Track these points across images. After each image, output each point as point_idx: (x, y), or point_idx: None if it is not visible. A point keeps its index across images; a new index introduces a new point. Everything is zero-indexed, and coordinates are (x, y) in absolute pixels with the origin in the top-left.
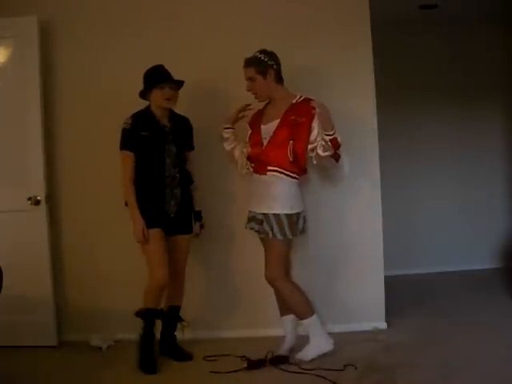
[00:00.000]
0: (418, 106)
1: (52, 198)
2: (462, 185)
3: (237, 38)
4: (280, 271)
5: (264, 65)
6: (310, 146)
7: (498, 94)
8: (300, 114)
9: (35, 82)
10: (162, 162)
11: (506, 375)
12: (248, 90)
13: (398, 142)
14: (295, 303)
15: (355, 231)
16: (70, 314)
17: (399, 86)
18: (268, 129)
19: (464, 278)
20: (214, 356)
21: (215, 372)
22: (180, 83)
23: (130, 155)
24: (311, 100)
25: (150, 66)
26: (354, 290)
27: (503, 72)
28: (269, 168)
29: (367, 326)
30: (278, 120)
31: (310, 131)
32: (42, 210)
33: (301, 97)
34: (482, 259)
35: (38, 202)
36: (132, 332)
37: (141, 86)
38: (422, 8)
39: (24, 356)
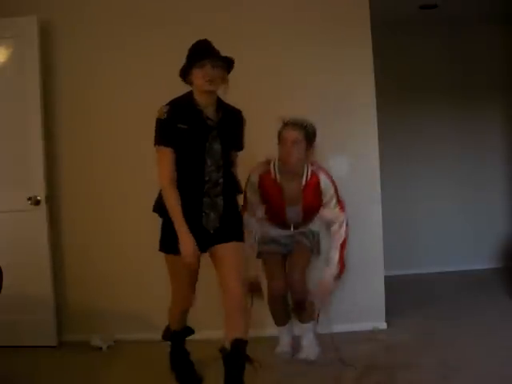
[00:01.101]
0: (418, 106)
1: (52, 198)
2: (462, 185)
3: (237, 39)
4: (305, 277)
5: (312, 136)
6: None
7: (498, 93)
8: (314, 195)
9: (35, 82)
10: (202, 164)
11: (505, 375)
12: (284, 154)
13: (398, 142)
14: (309, 304)
15: (355, 231)
16: (70, 314)
17: (399, 86)
18: (293, 210)
19: (464, 278)
20: None
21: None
22: (228, 61)
23: (167, 151)
24: (317, 171)
25: (150, 65)
26: (354, 290)
27: (503, 72)
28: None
29: (367, 326)
30: (301, 205)
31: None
32: (42, 210)
33: (307, 170)
34: (482, 259)
35: (38, 202)
36: (132, 332)
37: (141, 86)
38: (422, 8)
39: (24, 356)
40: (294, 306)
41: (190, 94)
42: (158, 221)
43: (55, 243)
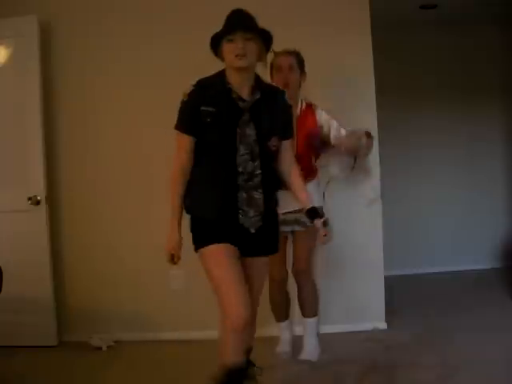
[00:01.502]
0: (418, 106)
1: (52, 198)
2: (462, 185)
3: None
4: (310, 265)
5: (303, 63)
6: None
7: (498, 93)
8: (308, 125)
9: (35, 82)
10: (233, 152)
11: (505, 375)
12: (282, 80)
13: (398, 142)
14: (313, 299)
15: (355, 231)
16: (70, 314)
17: (399, 86)
18: None
19: (464, 278)
20: None
21: None
22: (265, 34)
23: (184, 138)
24: (312, 105)
25: (151, 65)
26: (354, 290)
27: (503, 72)
28: None
29: (367, 326)
30: (295, 137)
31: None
32: (41, 210)
33: (301, 101)
34: (482, 259)
35: (38, 202)
36: (132, 332)
37: (141, 86)
38: (422, 8)
39: (24, 356)
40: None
41: (221, 72)
42: (157, 221)
43: (55, 243)
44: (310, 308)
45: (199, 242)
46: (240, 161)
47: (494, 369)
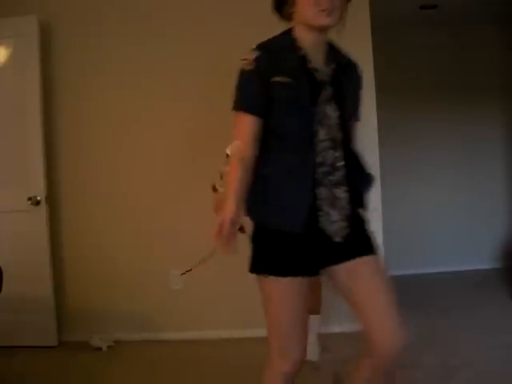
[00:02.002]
0: (418, 106)
1: (52, 198)
2: (462, 185)
3: (237, 38)
4: None
5: None
6: None
7: (498, 93)
8: None
9: (35, 82)
10: (311, 137)
11: (505, 375)
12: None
13: (397, 142)
14: (318, 296)
15: None
16: (70, 314)
17: (399, 86)
18: None
19: (464, 278)
20: None
21: None
22: None
23: (248, 120)
24: None
25: (151, 65)
26: None
27: (503, 72)
28: None
29: None
30: None
31: None
32: (41, 210)
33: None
34: (482, 259)
35: (38, 202)
36: (132, 332)
37: (142, 86)
38: (422, 8)
39: (24, 356)
40: None
41: (288, 33)
42: (158, 220)
43: (55, 243)
44: (313, 306)
45: (263, 265)
46: (319, 149)
47: (494, 369)
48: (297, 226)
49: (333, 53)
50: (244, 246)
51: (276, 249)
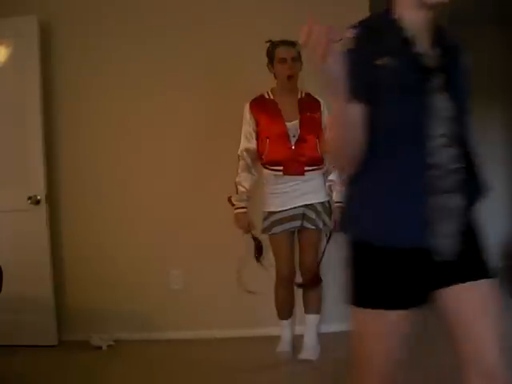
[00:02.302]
0: None
1: (52, 197)
2: None
3: (237, 37)
4: (319, 263)
5: (300, 54)
6: None
7: (498, 93)
8: (312, 110)
9: (35, 82)
10: (420, 133)
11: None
12: (287, 71)
13: None
14: (319, 296)
15: None
16: (69, 313)
17: None
18: (294, 126)
19: None
20: None
21: None
22: None
23: (355, 110)
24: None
25: (151, 65)
26: None
27: (503, 72)
28: (306, 168)
29: None
30: (299, 118)
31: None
32: (41, 210)
33: (301, 92)
34: None
35: (38, 202)
36: (132, 332)
37: (142, 86)
38: None
39: (24, 356)
40: (305, 281)
41: (388, 12)
42: (157, 220)
43: (55, 243)
44: (314, 305)
45: (368, 295)
46: (431, 147)
47: None
48: (407, 240)
49: (439, 35)
50: (239, 243)
51: (381, 273)
